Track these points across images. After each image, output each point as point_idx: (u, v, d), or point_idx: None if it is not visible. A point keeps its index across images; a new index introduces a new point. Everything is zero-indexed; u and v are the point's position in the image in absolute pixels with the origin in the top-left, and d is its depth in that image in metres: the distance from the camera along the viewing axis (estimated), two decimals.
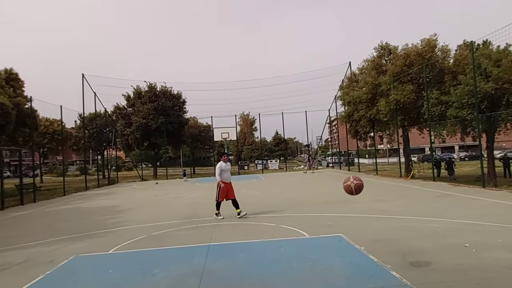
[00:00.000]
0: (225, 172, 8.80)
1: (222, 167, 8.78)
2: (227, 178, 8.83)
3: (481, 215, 7.58)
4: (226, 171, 8.82)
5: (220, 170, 8.74)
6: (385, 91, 18.17)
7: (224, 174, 8.76)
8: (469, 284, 3.79)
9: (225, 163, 8.88)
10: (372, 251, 5.13)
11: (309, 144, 68.40)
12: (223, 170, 8.77)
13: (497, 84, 12.83)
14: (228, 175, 8.88)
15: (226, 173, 8.82)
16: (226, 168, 8.83)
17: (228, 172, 8.90)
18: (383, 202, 10.43)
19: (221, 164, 8.83)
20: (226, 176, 8.80)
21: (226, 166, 8.88)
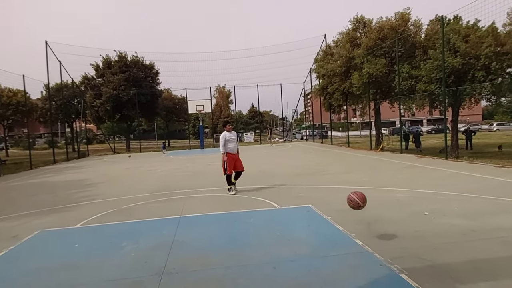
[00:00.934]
0: (230, 142, 8.03)
1: (226, 137, 8.00)
2: (233, 149, 8.07)
3: (441, 185, 8.00)
4: (231, 141, 8.04)
5: (224, 141, 7.96)
6: (359, 65, 18.31)
7: (229, 145, 8.00)
8: (427, 249, 4.03)
9: (229, 133, 8.08)
10: (339, 221, 5.33)
11: (285, 117, 68.78)
12: (227, 140, 7.99)
13: (464, 60, 13.19)
14: (234, 145, 8.10)
15: (231, 143, 8.05)
16: (230, 138, 8.05)
17: (234, 142, 8.13)
18: (353, 173, 10.76)
19: (225, 134, 8.08)
20: (231, 147, 8.03)
21: (231, 136, 8.08)
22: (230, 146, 8.02)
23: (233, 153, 8.06)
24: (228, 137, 8.01)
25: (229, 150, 7.99)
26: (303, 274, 3.51)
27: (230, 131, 8.13)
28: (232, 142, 8.05)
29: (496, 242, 4.12)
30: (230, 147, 8.01)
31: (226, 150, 7.97)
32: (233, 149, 8.07)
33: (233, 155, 8.05)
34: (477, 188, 7.41)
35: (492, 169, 10.07)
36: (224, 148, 7.96)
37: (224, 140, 7.97)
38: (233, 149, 8.07)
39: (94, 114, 32.43)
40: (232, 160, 8.00)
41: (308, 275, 3.48)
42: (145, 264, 4.00)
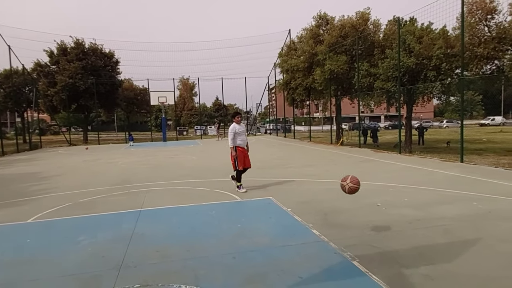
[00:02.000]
0: (240, 136, 7.41)
1: (236, 129, 7.36)
2: (242, 142, 7.45)
3: (394, 178, 8.51)
4: (240, 134, 7.43)
5: (234, 134, 7.32)
6: (321, 61, 18.78)
7: (238, 138, 7.38)
8: (377, 237, 4.32)
9: (238, 125, 7.45)
10: (298, 212, 5.53)
11: (249, 111, 68.97)
12: (237, 133, 7.35)
13: (418, 60, 13.99)
14: (244, 139, 7.49)
15: (241, 137, 7.43)
16: (240, 131, 7.43)
17: (244, 135, 7.51)
18: (314, 167, 11.11)
19: (234, 126, 7.41)
20: (241, 140, 7.42)
21: (240, 128, 7.47)
22: (240, 140, 7.39)
23: (243, 147, 7.46)
24: (238, 129, 7.39)
25: (238, 143, 7.36)
26: (262, 263, 3.63)
27: (239, 123, 7.53)
28: (242, 135, 7.45)
29: (438, 230, 4.50)
30: (240, 141, 7.38)
31: (235, 143, 7.34)
32: (242, 143, 7.44)
33: (243, 150, 7.45)
34: (425, 181, 7.97)
35: (440, 163, 10.84)
36: (233, 141, 7.33)
37: (233, 133, 7.32)
38: (242, 142, 7.44)
39: (48, 103, 30.56)
40: (242, 154, 7.40)
41: (267, 264, 3.60)
42: (102, 258, 3.93)
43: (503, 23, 12.71)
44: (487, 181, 7.76)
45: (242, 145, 7.42)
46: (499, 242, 4.02)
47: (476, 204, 5.68)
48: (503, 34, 12.47)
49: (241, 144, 7.41)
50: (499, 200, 5.96)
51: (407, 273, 3.31)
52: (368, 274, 3.29)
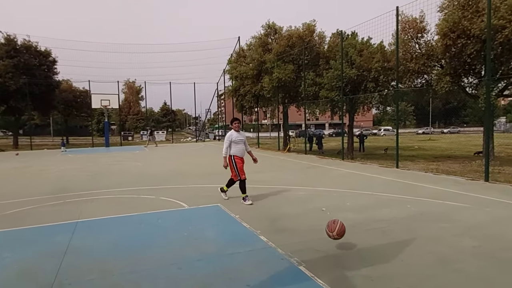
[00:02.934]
0: (237, 144, 6.77)
1: (233, 137, 6.75)
2: (241, 152, 6.82)
3: (337, 183, 8.90)
4: (238, 142, 6.78)
5: (230, 142, 6.72)
6: (270, 69, 19.20)
7: (236, 147, 6.75)
8: (322, 242, 4.44)
9: (236, 133, 6.81)
10: (246, 219, 5.52)
11: (198, 117, 68.09)
12: (234, 141, 6.74)
13: (359, 71, 14.90)
14: (242, 148, 6.85)
15: (239, 145, 6.79)
16: (237, 139, 6.78)
17: (242, 144, 6.84)
18: (262, 173, 11.22)
19: (231, 134, 6.81)
20: (239, 149, 6.79)
21: (238, 137, 6.80)
22: (238, 149, 6.79)
23: (241, 157, 6.84)
24: (235, 137, 6.77)
25: (235, 153, 6.76)
26: (209, 273, 3.55)
27: (238, 130, 6.88)
28: (239, 144, 6.80)
29: (377, 232, 4.77)
30: (237, 150, 6.78)
31: (231, 152, 6.77)
32: (240, 153, 6.82)
33: (240, 159, 6.84)
34: (366, 186, 8.44)
35: (378, 169, 11.59)
36: (227, 150, 6.75)
37: (229, 141, 6.73)
38: (240, 152, 6.83)
39: None
40: (241, 163, 6.82)
41: (214, 273, 3.53)
42: (31, 276, 3.56)
43: (431, 41, 14.04)
44: (418, 185, 8.44)
45: (239, 155, 6.79)
46: (429, 242, 4.37)
47: (410, 207, 6.14)
48: (431, 51, 13.76)
49: (239, 154, 6.78)
50: (429, 202, 6.50)
51: (349, 275, 3.45)
52: (314, 278, 3.37)
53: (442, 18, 12.85)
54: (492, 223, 5.13)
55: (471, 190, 7.62)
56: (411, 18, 13.76)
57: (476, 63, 12.80)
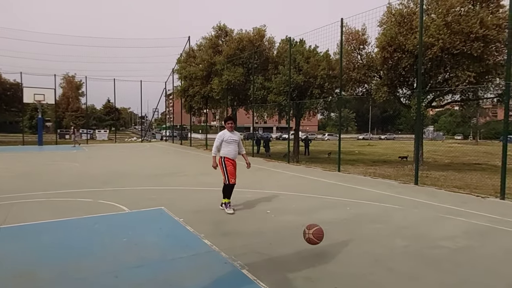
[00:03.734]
0: (229, 145, 6.25)
1: (225, 137, 6.24)
2: (232, 154, 6.27)
3: (283, 186, 9.10)
4: (230, 143, 6.25)
5: (221, 141, 6.25)
6: (219, 71, 19.12)
7: (227, 147, 6.23)
8: (266, 244, 4.49)
9: (229, 132, 6.31)
10: (190, 222, 5.40)
11: (145, 116, 65.61)
12: (226, 141, 6.23)
13: (306, 78, 15.43)
14: (234, 149, 6.31)
15: (231, 146, 6.26)
16: (230, 139, 6.25)
17: (235, 145, 6.31)
18: (209, 175, 11.08)
19: (224, 133, 6.31)
20: (231, 151, 6.25)
21: (232, 137, 6.29)
22: (229, 150, 6.25)
23: (232, 158, 6.29)
24: (227, 137, 6.25)
25: (226, 154, 6.23)
26: (148, 280, 3.40)
27: (232, 130, 6.36)
28: (231, 145, 6.27)
29: None
30: (228, 151, 6.24)
31: (224, 153, 6.25)
32: (231, 154, 6.27)
33: (232, 162, 6.30)
34: (309, 189, 8.74)
35: (321, 172, 12.07)
36: (216, 149, 6.31)
37: (220, 140, 6.26)
38: (232, 154, 6.28)
39: None
40: (232, 166, 6.27)
41: (154, 280, 3.39)
42: None
43: (371, 53, 15.01)
44: (358, 188, 8.94)
45: (231, 156, 6.25)
46: (365, 242, 4.63)
47: (349, 209, 6.47)
48: (371, 63, 14.71)
49: (230, 156, 6.24)
50: (366, 204, 6.90)
51: (291, 277, 3.52)
52: (256, 281, 3.39)
53: (381, 32, 13.81)
54: (420, 223, 5.59)
55: (402, 192, 8.25)
56: (354, 31, 14.58)
57: (409, 76, 13.93)
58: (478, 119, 56.18)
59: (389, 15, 13.40)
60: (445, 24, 11.84)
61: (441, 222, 5.71)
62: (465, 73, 12.06)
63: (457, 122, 63.77)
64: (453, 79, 12.53)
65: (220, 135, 6.30)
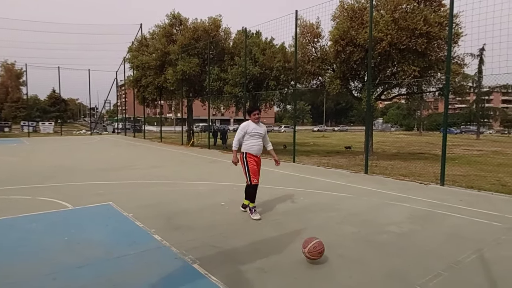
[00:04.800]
0: (253, 138, 5.31)
1: (248, 129, 5.30)
2: (256, 149, 5.35)
3: (238, 178, 9.01)
4: (254, 136, 5.30)
5: (243, 134, 5.33)
6: (174, 61, 18.50)
7: (250, 141, 5.31)
8: (218, 237, 4.40)
9: (254, 124, 5.36)
10: (140, 217, 5.15)
11: (95, 107, 62.21)
12: (249, 134, 5.30)
13: (262, 69, 15.43)
14: (259, 144, 5.38)
15: (255, 140, 5.32)
16: (254, 132, 5.30)
17: (259, 139, 5.37)
18: (162, 168, 10.74)
19: (247, 125, 5.36)
20: (255, 145, 5.33)
21: (256, 129, 5.32)
22: (251, 144, 5.32)
23: (256, 155, 5.38)
24: (251, 130, 5.29)
25: (249, 149, 5.33)
26: (90, 281, 3.17)
27: (258, 122, 5.41)
28: (255, 138, 5.32)
29: (272, 225, 4.95)
30: (249, 146, 5.33)
31: (243, 148, 5.38)
32: (255, 149, 5.34)
33: (255, 158, 5.39)
34: (264, 179, 8.70)
35: None
36: (238, 143, 5.38)
37: (243, 132, 5.32)
38: (254, 148, 5.33)
39: None
40: (254, 163, 5.37)
41: (96, 281, 3.16)
42: None
43: (325, 46, 15.34)
44: (312, 178, 9.13)
45: (254, 152, 5.34)
46: (318, 230, 4.71)
47: (303, 199, 6.57)
48: (325, 56, 15.04)
49: (253, 151, 5.33)
50: (320, 194, 7.07)
51: (244, 269, 3.47)
52: (208, 276, 3.29)
53: (334, 26, 14.14)
54: (369, 210, 5.82)
55: (353, 181, 8.56)
56: (309, 24, 14.79)
57: (360, 69, 14.45)
58: (422, 111, 60.18)
59: (341, 10, 13.74)
60: (393, 20, 12.39)
61: (388, 208, 5.99)
62: (411, 68, 12.75)
63: (403, 114, 67.84)
64: (400, 73, 13.19)
65: (243, 127, 5.36)
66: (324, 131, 55.49)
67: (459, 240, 4.40)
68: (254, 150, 5.33)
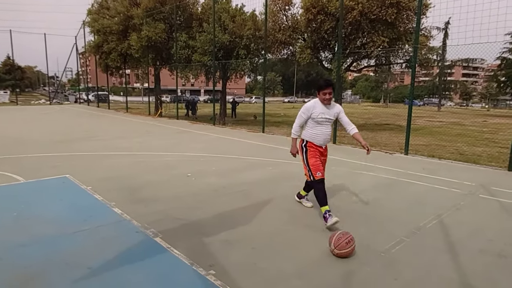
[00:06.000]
0: (318, 125, 3.95)
1: (314, 112, 3.92)
2: (322, 139, 4.00)
3: (206, 148, 8.83)
4: (321, 122, 3.94)
5: (306, 119, 3.99)
6: (138, 26, 17.41)
7: (314, 129, 3.97)
8: (183, 209, 4.23)
9: (322, 106, 3.92)
10: (100, 190, 4.86)
11: (54, 76, 58.39)
12: (314, 119, 3.94)
13: (231, 37, 14.85)
14: (325, 133, 3.99)
15: (321, 128, 3.96)
16: (321, 118, 3.91)
17: (327, 126, 4.00)
18: (126, 139, 10.28)
19: (313, 106, 3.95)
20: (318, 134, 3.97)
21: (324, 113, 3.92)
22: (315, 132, 3.98)
23: (318, 145, 4.02)
24: (318, 114, 3.90)
25: (309, 137, 4.01)
26: (39, 260, 2.92)
27: (328, 102, 3.91)
28: (321, 125, 3.95)
29: (239, 195, 4.84)
30: (312, 133, 3.98)
31: (303, 135, 4.08)
32: (318, 138, 3.98)
33: (317, 149, 4.02)
34: (233, 150, 8.61)
35: (246, 133, 12.02)
36: (298, 130, 4.09)
37: (306, 117, 3.97)
38: (318, 137, 3.98)
39: None
40: (317, 156, 4.01)
41: (45, 260, 2.91)
42: None
43: (296, 15, 14.94)
44: (280, 148, 9.08)
45: (318, 142, 4.00)
46: (284, 200, 4.66)
47: (271, 169, 6.50)
48: (296, 24, 14.68)
49: (316, 141, 3.99)
50: (287, 164, 7.00)
51: (208, 241, 3.35)
52: (170, 249, 3.15)
53: None
54: (336, 179, 5.83)
55: None
56: None
57: (331, 39, 14.26)
58: (389, 84, 61.63)
59: None
60: None
61: (355, 177, 6.05)
62: (380, 38, 12.74)
63: (371, 86, 69.16)
64: (369, 43, 13.15)
65: (306, 108, 3.95)
66: (294, 102, 55.65)
67: (421, 207, 4.51)
68: (318, 140, 3.97)
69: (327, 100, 3.84)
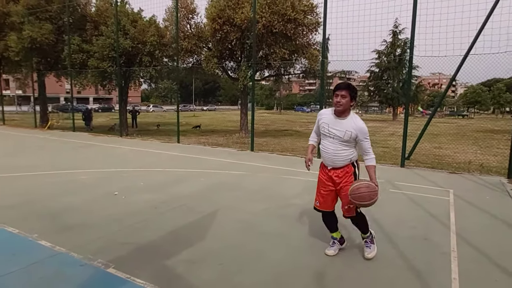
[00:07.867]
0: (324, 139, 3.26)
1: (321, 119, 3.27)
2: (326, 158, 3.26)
3: (123, 162, 8.16)
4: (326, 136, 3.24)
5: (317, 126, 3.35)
6: (18, 24, 14.97)
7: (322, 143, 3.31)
8: (127, 232, 3.85)
9: (331, 115, 3.21)
10: (10, 221, 4.07)
11: None
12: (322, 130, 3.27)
13: (134, 43, 14.02)
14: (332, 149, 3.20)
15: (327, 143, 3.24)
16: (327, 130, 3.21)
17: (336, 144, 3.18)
18: (19, 157, 8.74)
19: (325, 111, 3.30)
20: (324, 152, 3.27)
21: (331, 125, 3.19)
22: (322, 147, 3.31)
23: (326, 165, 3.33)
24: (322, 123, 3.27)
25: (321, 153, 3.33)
26: None
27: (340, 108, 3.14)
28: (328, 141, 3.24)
29: (182, 210, 4.65)
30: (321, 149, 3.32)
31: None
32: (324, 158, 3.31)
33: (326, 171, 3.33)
34: (154, 162, 8.16)
35: (160, 144, 11.50)
36: (313, 136, 3.51)
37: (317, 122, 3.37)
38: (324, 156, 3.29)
39: None
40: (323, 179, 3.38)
41: None
42: None
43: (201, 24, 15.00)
44: (202, 158, 8.97)
45: (324, 159, 3.34)
46: (231, 211, 4.67)
47: (204, 180, 6.39)
48: (201, 33, 14.72)
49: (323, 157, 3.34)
50: (217, 173, 7.01)
51: (170, 264, 3.14)
52: (130, 279, 2.85)
53: (210, 3, 13.92)
54: (269, 186, 6.10)
55: (243, 159, 8.83)
56: None
57: (237, 49, 14.76)
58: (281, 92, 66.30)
59: None
60: (267, 4, 12.99)
61: (285, 182, 6.41)
62: (281, 50, 13.74)
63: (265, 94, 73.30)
64: (272, 55, 14.06)
65: (319, 113, 3.41)
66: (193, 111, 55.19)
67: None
68: (324, 158, 3.35)
69: (336, 104, 3.13)
